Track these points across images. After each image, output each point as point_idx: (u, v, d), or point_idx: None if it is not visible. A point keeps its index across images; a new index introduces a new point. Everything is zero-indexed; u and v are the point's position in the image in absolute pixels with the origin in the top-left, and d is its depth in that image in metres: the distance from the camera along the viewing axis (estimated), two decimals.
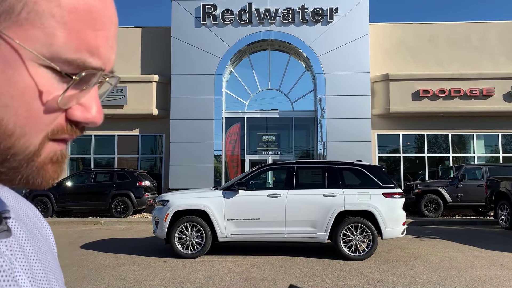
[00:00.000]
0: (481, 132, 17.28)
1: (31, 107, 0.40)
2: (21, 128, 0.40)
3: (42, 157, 0.43)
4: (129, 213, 14.67)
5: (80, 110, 0.44)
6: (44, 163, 0.44)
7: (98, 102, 0.46)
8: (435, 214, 14.27)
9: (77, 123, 0.45)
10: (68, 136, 0.45)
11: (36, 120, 0.41)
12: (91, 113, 0.45)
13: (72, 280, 6.01)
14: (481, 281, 5.92)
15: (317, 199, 7.75)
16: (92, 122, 0.45)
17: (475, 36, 17.40)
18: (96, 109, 0.45)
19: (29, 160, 0.42)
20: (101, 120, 0.46)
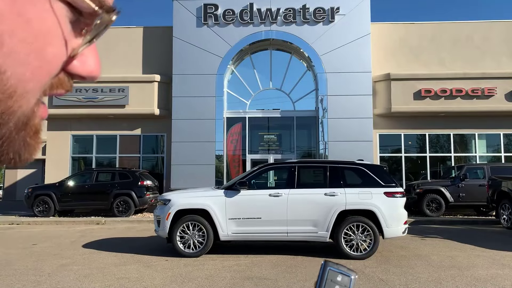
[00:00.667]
0: (483, 131, 17.27)
1: (44, 55, 0.34)
2: (24, 85, 0.34)
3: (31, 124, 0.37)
4: (131, 213, 14.70)
5: (80, 62, 0.39)
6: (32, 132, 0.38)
7: (96, 53, 0.41)
8: (436, 213, 14.26)
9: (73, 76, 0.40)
10: (63, 91, 0.40)
11: (45, 72, 0.35)
12: (91, 65, 0.40)
13: (74, 279, 6.03)
14: (483, 280, 5.92)
15: (318, 198, 7.75)
16: (92, 75, 0.40)
17: (477, 36, 17.38)
18: (95, 60, 0.40)
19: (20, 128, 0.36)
20: (100, 74, 0.41)
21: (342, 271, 0.49)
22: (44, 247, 8.80)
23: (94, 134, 17.82)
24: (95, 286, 5.68)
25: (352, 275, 0.49)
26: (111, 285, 5.70)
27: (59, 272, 6.46)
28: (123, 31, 18.09)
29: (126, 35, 17.94)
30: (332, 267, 0.49)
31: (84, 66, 0.39)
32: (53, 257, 7.66)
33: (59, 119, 17.65)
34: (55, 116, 17.39)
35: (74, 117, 17.51)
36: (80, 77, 0.40)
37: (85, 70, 0.39)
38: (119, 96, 16.88)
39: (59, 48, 0.35)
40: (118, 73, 17.44)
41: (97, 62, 0.40)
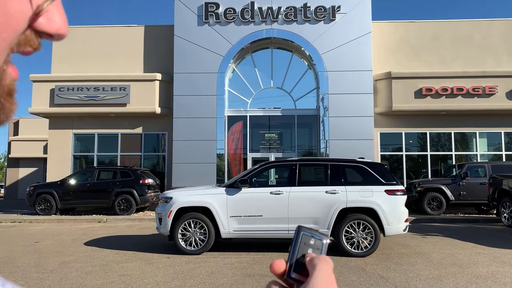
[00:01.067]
0: (484, 130, 17.28)
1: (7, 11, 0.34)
2: None
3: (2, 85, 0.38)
4: (132, 211, 14.74)
5: (46, 19, 0.39)
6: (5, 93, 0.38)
7: (63, 10, 0.41)
8: (437, 212, 14.28)
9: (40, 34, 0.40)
10: (31, 49, 0.40)
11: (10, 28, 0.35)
12: (57, 22, 0.40)
13: (76, 276, 6.06)
14: (483, 277, 5.95)
15: (319, 196, 7.78)
16: (59, 32, 0.40)
17: (478, 34, 17.38)
18: (62, 18, 0.40)
19: None
20: (67, 32, 0.41)
21: (314, 235, 0.52)
22: (46, 245, 8.84)
23: (95, 133, 17.86)
24: (97, 283, 5.71)
25: (324, 239, 0.52)
26: (113, 282, 5.74)
27: (62, 269, 6.50)
28: (124, 30, 18.12)
29: (128, 34, 17.97)
30: (305, 232, 0.52)
31: (51, 23, 0.39)
32: (55, 255, 7.69)
33: (60, 118, 17.70)
34: (57, 114, 17.44)
35: (76, 115, 17.55)
36: (48, 35, 0.40)
37: (51, 27, 0.39)
38: (121, 95, 16.91)
39: (23, 4, 0.35)
40: (120, 71, 17.48)
41: (64, 19, 0.40)
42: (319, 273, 0.46)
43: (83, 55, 17.86)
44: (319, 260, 0.48)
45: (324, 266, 0.47)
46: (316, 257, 0.49)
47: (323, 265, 0.47)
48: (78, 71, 17.61)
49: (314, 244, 0.51)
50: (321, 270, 0.46)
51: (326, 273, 0.46)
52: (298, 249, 0.51)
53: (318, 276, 0.46)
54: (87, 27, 18.34)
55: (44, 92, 17.20)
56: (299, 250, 0.51)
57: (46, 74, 17.69)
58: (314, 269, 0.47)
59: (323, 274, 0.46)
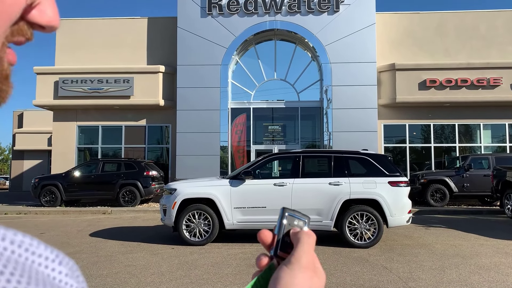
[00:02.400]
0: (488, 122, 17.22)
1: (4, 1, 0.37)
2: None
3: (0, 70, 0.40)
4: (137, 203, 14.83)
5: (38, 11, 0.41)
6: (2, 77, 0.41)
7: (54, 3, 0.43)
8: (441, 203, 14.30)
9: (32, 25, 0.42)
10: (23, 39, 0.42)
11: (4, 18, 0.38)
12: (49, 14, 0.42)
13: (82, 266, 6.13)
14: (486, 268, 5.97)
15: (323, 187, 7.80)
16: (50, 24, 0.42)
17: (483, 25, 17.25)
18: (53, 10, 0.43)
19: None
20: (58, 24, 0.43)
21: (297, 216, 0.56)
22: (52, 236, 8.93)
23: (99, 125, 17.92)
24: (102, 273, 5.78)
25: (306, 219, 0.56)
26: (118, 272, 5.80)
27: None
28: (127, 21, 18.09)
29: (131, 26, 17.95)
30: (289, 213, 0.56)
31: (43, 15, 0.41)
32: (61, 245, 7.77)
33: (65, 110, 17.76)
34: (61, 107, 17.49)
35: (80, 108, 17.61)
36: (40, 27, 0.42)
37: (43, 19, 0.42)
38: (124, 87, 16.94)
39: None
40: (123, 63, 17.49)
41: (55, 12, 0.43)
42: (302, 245, 0.50)
43: (87, 48, 17.87)
44: (302, 233, 0.52)
45: (307, 238, 0.51)
46: (300, 231, 0.53)
47: (306, 237, 0.51)
48: (82, 63, 17.63)
49: (297, 225, 0.55)
50: (304, 243, 0.51)
51: (308, 245, 0.50)
52: (283, 229, 0.54)
53: (300, 247, 0.50)
54: (91, 19, 18.33)
55: (48, 84, 17.25)
56: (284, 230, 0.55)
57: (50, 66, 17.72)
58: (298, 241, 0.51)
59: (305, 246, 0.50)
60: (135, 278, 5.49)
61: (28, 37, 0.42)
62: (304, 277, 0.48)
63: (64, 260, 0.40)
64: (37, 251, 0.38)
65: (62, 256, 0.40)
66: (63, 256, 0.40)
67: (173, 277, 5.53)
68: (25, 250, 0.38)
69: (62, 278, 0.38)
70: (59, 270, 0.38)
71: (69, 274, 0.39)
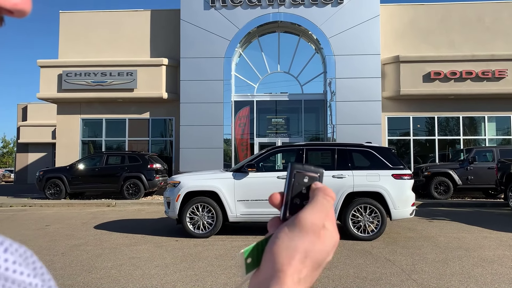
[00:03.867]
0: (492, 114, 17.13)
1: None
2: None
3: None
4: (141, 195, 14.90)
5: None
6: None
7: None
8: (444, 196, 14.28)
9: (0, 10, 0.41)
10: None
11: None
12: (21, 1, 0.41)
13: (87, 258, 6.18)
14: (489, 260, 5.98)
15: (326, 180, 7.80)
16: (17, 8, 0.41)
17: (488, 17, 17.10)
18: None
19: None
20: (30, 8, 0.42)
21: (308, 170, 0.50)
22: (57, 228, 8.99)
23: (103, 118, 17.96)
24: (107, 265, 5.82)
25: (319, 173, 0.50)
26: (123, 264, 5.85)
27: (72, 252, 6.63)
28: (130, 14, 18.06)
29: (134, 18, 17.91)
30: (298, 170, 0.50)
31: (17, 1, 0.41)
32: (66, 238, 7.83)
33: (68, 103, 17.80)
34: (65, 100, 17.53)
35: (84, 101, 17.64)
36: (7, 11, 0.41)
37: (8, 2, 0.40)
38: (128, 80, 16.94)
39: None
40: (126, 56, 17.49)
41: None
42: (312, 204, 0.47)
43: (90, 40, 17.86)
44: (318, 191, 0.49)
45: (322, 198, 0.48)
46: (318, 188, 0.49)
47: (321, 196, 0.48)
48: (85, 56, 17.64)
49: (308, 181, 0.50)
50: (317, 202, 0.47)
51: (320, 205, 0.47)
52: (291, 189, 0.50)
53: (310, 207, 0.47)
54: (94, 12, 18.30)
55: (51, 77, 17.28)
56: (293, 191, 0.50)
57: (53, 59, 17.74)
58: (311, 200, 0.48)
59: (316, 205, 0.47)
60: (140, 270, 5.53)
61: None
62: (303, 242, 0.45)
63: (12, 247, 0.37)
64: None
65: (9, 243, 0.37)
66: (10, 243, 0.38)
67: (177, 269, 5.56)
68: None
69: (9, 266, 0.36)
70: (5, 258, 0.36)
71: (17, 261, 0.37)
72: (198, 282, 4.98)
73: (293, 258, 0.45)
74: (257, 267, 0.48)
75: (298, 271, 0.45)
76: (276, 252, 0.45)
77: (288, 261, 0.45)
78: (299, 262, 0.45)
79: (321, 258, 0.47)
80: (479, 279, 5.06)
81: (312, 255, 0.46)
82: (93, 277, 5.21)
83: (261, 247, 0.48)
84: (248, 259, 0.48)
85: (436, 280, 5.05)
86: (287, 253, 0.45)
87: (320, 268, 0.48)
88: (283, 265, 0.45)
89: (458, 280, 5.03)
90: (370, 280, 5.05)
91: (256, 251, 0.48)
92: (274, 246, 0.46)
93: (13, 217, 11.14)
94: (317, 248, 0.46)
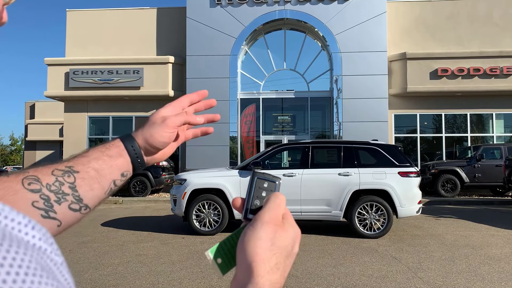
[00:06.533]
0: (500, 111, 16.98)
1: None
2: None
3: None
4: (148, 193, 14.97)
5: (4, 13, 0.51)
6: None
7: None
8: (451, 194, 14.20)
9: None
10: None
11: None
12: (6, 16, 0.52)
13: (94, 255, 6.23)
14: (496, 258, 5.95)
15: (332, 178, 7.80)
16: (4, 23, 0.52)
17: (496, 13, 16.94)
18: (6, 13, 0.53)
19: None
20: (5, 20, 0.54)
21: (267, 178, 0.57)
22: None
23: (110, 116, 18.05)
24: (114, 262, 5.87)
25: (276, 181, 0.57)
26: (129, 261, 5.89)
27: (80, 249, 6.68)
28: (137, 12, 18.10)
29: (140, 16, 17.96)
30: (259, 176, 0.57)
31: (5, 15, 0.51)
32: (73, 235, 7.90)
33: (75, 101, 17.91)
34: (72, 98, 17.64)
35: (90, 98, 17.73)
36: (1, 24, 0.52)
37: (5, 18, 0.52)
38: (134, 78, 17.01)
39: None
40: (133, 54, 17.55)
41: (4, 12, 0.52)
42: (267, 204, 0.54)
43: (97, 38, 17.94)
44: (270, 196, 0.56)
45: (274, 198, 0.55)
46: (270, 195, 0.56)
47: (272, 198, 0.55)
48: (92, 54, 17.72)
49: (267, 187, 0.57)
50: (270, 202, 0.54)
51: (273, 203, 0.54)
52: (253, 193, 0.56)
53: (265, 207, 0.54)
54: (100, 10, 18.37)
55: (59, 75, 17.39)
56: (254, 194, 0.56)
57: (60, 57, 17.84)
58: (265, 202, 0.55)
59: (270, 204, 0.54)
60: (146, 267, 5.56)
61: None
62: (266, 231, 0.51)
63: (37, 226, 0.41)
64: (9, 215, 0.39)
65: (34, 222, 0.41)
66: (35, 222, 0.41)
67: (183, 266, 5.59)
68: None
69: (36, 242, 0.39)
70: (33, 234, 0.39)
71: (42, 239, 0.40)
72: (204, 279, 5.01)
73: (260, 247, 0.50)
74: (233, 266, 0.53)
75: (268, 258, 0.50)
76: (244, 246, 0.50)
77: (255, 250, 0.50)
78: (267, 250, 0.50)
79: (286, 244, 0.52)
80: (485, 277, 5.04)
81: (278, 242, 0.51)
82: (100, 274, 5.25)
83: (228, 244, 0.54)
84: (218, 259, 0.53)
85: (442, 278, 5.04)
86: (253, 243, 0.50)
87: (290, 257, 0.53)
88: (251, 255, 0.49)
89: (465, 278, 5.01)
90: (376, 278, 5.05)
91: (223, 250, 0.54)
92: (241, 242, 0.51)
93: None
94: (280, 235, 0.52)
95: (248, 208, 0.56)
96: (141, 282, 4.90)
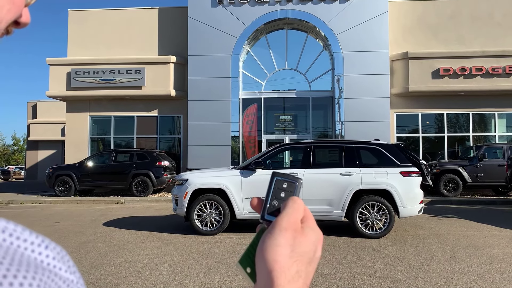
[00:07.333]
0: (503, 111, 16.94)
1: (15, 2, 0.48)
2: None
3: None
4: (149, 192, 14.98)
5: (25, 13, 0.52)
6: None
7: None
8: (454, 193, 14.17)
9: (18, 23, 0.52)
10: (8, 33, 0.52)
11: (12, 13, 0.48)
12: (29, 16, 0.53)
13: (96, 255, 6.24)
14: (498, 258, 5.93)
15: (334, 178, 7.79)
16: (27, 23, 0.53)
17: (498, 12, 16.89)
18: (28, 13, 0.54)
19: None
20: None
21: (287, 178, 0.56)
22: (66, 225, 9.08)
23: (112, 116, 18.07)
24: (116, 262, 5.87)
25: (297, 181, 0.56)
26: (131, 261, 5.89)
27: (82, 249, 6.69)
28: (138, 12, 18.12)
29: (142, 16, 17.97)
30: (278, 177, 0.56)
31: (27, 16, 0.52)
32: (75, 235, 7.91)
33: (77, 101, 17.93)
34: (74, 98, 17.66)
35: (92, 98, 17.76)
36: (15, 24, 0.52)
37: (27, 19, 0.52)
38: (136, 78, 17.02)
39: None
40: (135, 54, 17.56)
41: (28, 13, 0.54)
42: (285, 209, 0.52)
43: (98, 38, 17.96)
44: (288, 200, 0.54)
45: (292, 203, 0.53)
46: (288, 199, 0.54)
47: (290, 202, 0.53)
48: (94, 54, 17.74)
49: (287, 187, 0.56)
50: (288, 207, 0.52)
51: (291, 209, 0.52)
52: (271, 194, 0.55)
53: (283, 212, 0.52)
54: (102, 10, 18.39)
55: (60, 75, 17.41)
56: (273, 194, 0.55)
57: (62, 57, 17.87)
58: (283, 207, 0.53)
59: (288, 209, 0.52)
60: (148, 267, 5.57)
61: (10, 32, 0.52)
62: (284, 238, 0.49)
63: (51, 245, 0.40)
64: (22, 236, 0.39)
65: (48, 241, 0.41)
66: (49, 241, 0.41)
67: (185, 266, 5.59)
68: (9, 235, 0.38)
69: (50, 261, 0.39)
70: (46, 254, 0.39)
71: (56, 258, 0.40)
72: (206, 279, 5.01)
73: (279, 254, 0.48)
74: None
75: (288, 266, 0.47)
76: (262, 253, 0.48)
77: (274, 258, 0.47)
78: (287, 257, 0.48)
79: (308, 250, 0.50)
80: (487, 277, 5.02)
81: (298, 248, 0.49)
82: (102, 274, 5.26)
83: (253, 251, 0.51)
84: (247, 269, 0.51)
85: (444, 278, 5.03)
86: (272, 250, 0.48)
87: (313, 262, 0.50)
88: (271, 263, 0.47)
89: (466, 278, 5.00)
90: (377, 278, 5.04)
91: (250, 259, 0.52)
92: (260, 250, 0.49)
93: (23, 214, 11.27)
94: (300, 240, 0.50)
95: (266, 208, 0.54)
96: (143, 282, 4.90)
